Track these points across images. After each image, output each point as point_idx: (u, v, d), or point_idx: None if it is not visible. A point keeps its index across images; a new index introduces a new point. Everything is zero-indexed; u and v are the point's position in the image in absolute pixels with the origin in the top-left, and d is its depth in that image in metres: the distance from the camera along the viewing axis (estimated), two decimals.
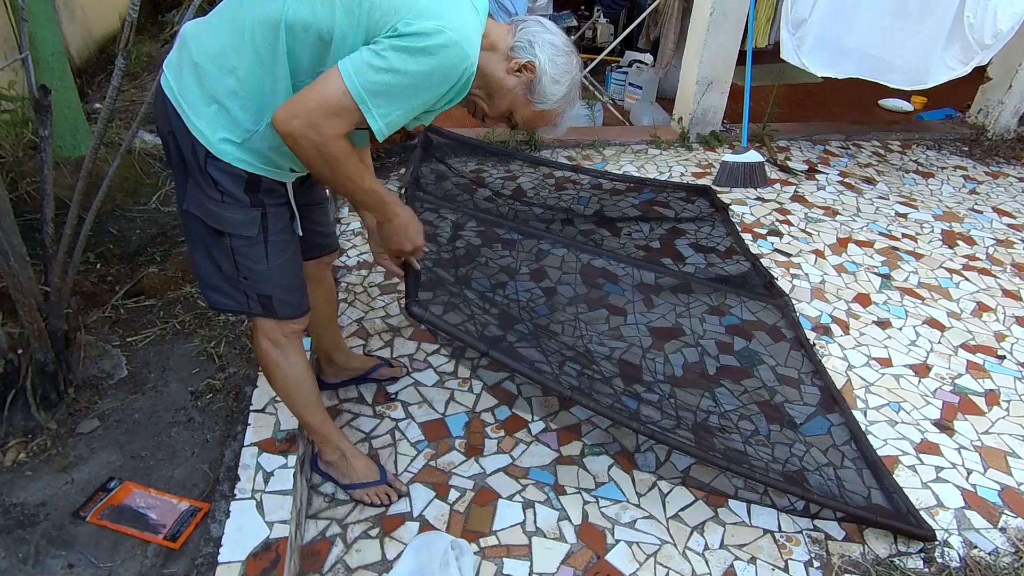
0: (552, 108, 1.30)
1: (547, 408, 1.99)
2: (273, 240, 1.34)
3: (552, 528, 1.65)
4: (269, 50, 1.16)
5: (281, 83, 1.18)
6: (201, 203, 1.28)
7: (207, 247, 1.34)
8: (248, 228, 1.30)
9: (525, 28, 1.26)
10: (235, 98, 1.20)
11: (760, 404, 2.03)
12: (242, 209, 1.29)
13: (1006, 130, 4.12)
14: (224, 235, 1.30)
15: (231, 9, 1.20)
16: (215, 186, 1.25)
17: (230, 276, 1.35)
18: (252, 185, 1.27)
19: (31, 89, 1.68)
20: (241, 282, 1.36)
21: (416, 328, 2.27)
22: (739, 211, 3.13)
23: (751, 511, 1.72)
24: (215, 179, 1.25)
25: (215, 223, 1.29)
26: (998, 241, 3.05)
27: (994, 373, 2.25)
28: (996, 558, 1.64)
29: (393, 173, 3.29)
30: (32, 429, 1.62)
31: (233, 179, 1.26)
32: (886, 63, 3.23)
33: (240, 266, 1.34)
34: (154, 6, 5.26)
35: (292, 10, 1.13)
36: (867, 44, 3.21)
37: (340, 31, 1.13)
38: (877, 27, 3.18)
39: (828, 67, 3.26)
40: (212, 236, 1.31)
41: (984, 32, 3.04)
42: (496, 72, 1.25)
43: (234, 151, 1.23)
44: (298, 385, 1.52)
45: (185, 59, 1.22)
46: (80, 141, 2.62)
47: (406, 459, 1.80)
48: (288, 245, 1.39)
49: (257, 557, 1.36)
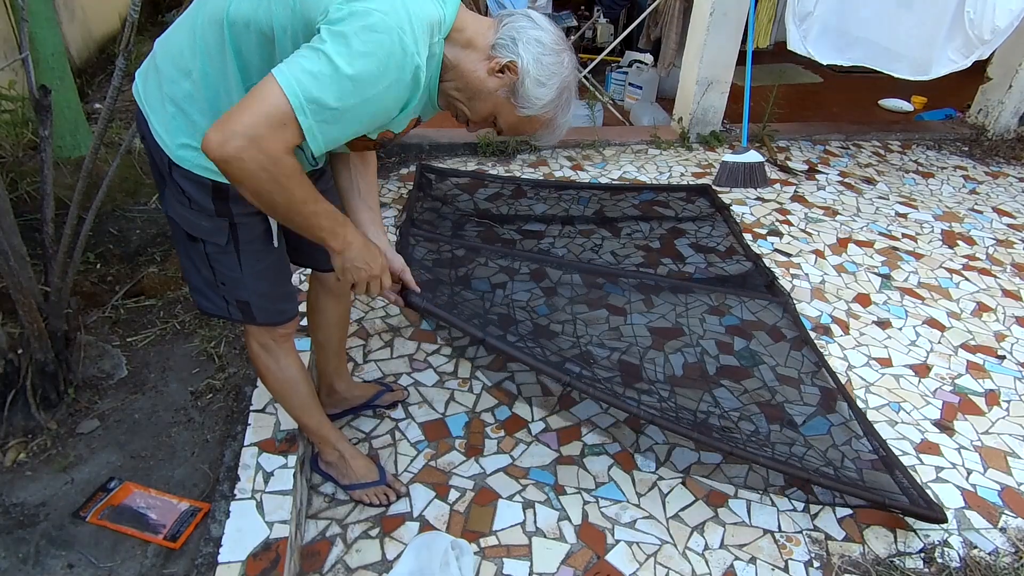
0: (539, 114, 1.16)
1: (547, 408, 1.99)
2: (245, 250, 1.28)
3: (552, 528, 1.65)
4: (218, 49, 1.09)
5: (233, 84, 1.10)
6: (176, 208, 1.24)
7: (188, 251, 1.30)
8: (217, 236, 1.25)
9: (510, 23, 1.13)
10: (192, 102, 1.13)
11: (760, 404, 2.04)
12: (208, 218, 1.23)
13: (1006, 130, 4.12)
14: (199, 241, 1.27)
15: (192, 9, 1.14)
16: (183, 193, 1.21)
17: (208, 281, 1.32)
18: (219, 193, 1.20)
19: (31, 89, 1.68)
20: (220, 287, 1.32)
21: (416, 328, 2.28)
22: (739, 211, 3.13)
23: (751, 511, 1.72)
24: (181, 187, 1.20)
25: (189, 229, 1.26)
26: (998, 241, 3.05)
27: (994, 373, 2.25)
28: (996, 558, 1.64)
29: (393, 173, 3.29)
30: (32, 429, 1.62)
31: (198, 187, 1.19)
32: (891, 52, 3.23)
33: (216, 272, 1.30)
34: (154, 6, 5.27)
35: (234, 6, 1.06)
36: (872, 33, 3.22)
37: (280, 25, 1.04)
38: (882, 16, 3.19)
39: (835, 55, 3.27)
40: (189, 241, 1.28)
41: (983, 27, 3.04)
42: (475, 72, 1.13)
43: (194, 157, 1.16)
44: (293, 387, 1.50)
45: (151, 64, 1.19)
46: (80, 141, 2.62)
47: (406, 459, 1.80)
48: (264, 255, 1.32)
49: (257, 557, 1.36)
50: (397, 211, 2.95)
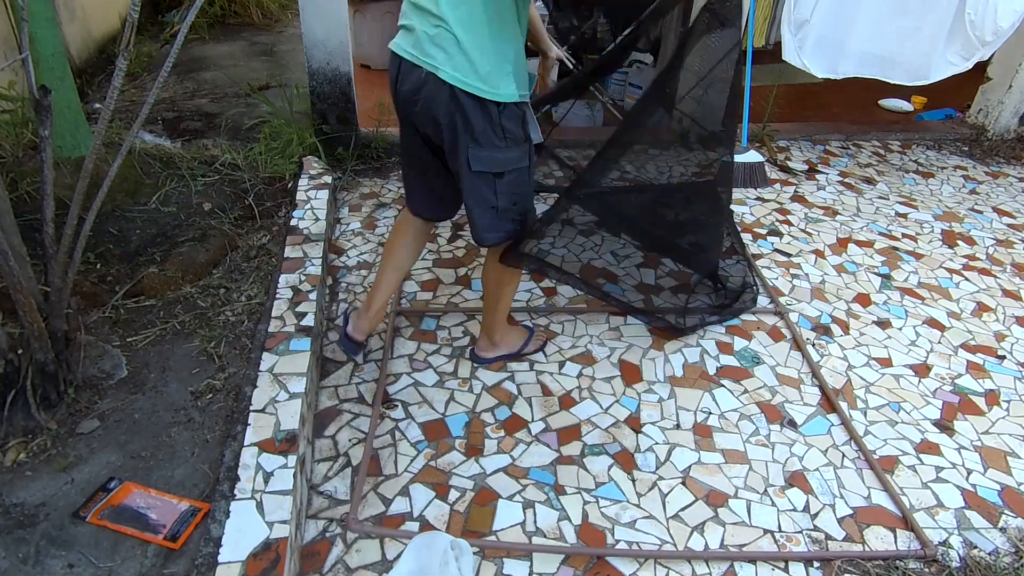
0: None
1: (547, 408, 1.99)
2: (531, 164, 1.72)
3: (552, 528, 1.65)
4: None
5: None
6: (487, 157, 1.61)
7: (490, 192, 1.67)
8: (521, 161, 1.67)
9: None
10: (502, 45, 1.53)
11: (760, 404, 2.04)
12: (517, 146, 1.64)
13: (1006, 130, 4.12)
14: (503, 175, 1.66)
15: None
16: (503, 133, 1.59)
17: (504, 211, 1.72)
18: (523, 120, 1.63)
19: (31, 89, 1.68)
20: (511, 209, 1.73)
21: (416, 328, 2.28)
22: (739, 211, 3.13)
23: (751, 511, 1.72)
24: (504, 127, 1.59)
25: (499, 167, 1.64)
26: (998, 241, 3.05)
27: (994, 373, 2.25)
28: (996, 558, 1.64)
29: (393, 173, 3.29)
30: (32, 429, 1.62)
31: (515, 119, 1.60)
32: (888, 60, 3.22)
33: (513, 196, 1.71)
34: (154, 6, 5.27)
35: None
36: (869, 43, 3.21)
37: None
38: (878, 25, 3.17)
39: (830, 69, 3.26)
40: (494, 180, 1.66)
41: (985, 29, 3.04)
42: None
43: (515, 89, 1.57)
44: (514, 289, 2.01)
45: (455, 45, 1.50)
46: (80, 141, 2.62)
47: (406, 459, 1.80)
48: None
49: (257, 557, 1.36)
50: (396, 210, 2.95)
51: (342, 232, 2.79)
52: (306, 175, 2.91)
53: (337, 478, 1.74)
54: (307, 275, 2.24)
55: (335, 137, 3.27)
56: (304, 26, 3.03)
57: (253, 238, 2.55)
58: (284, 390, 1.76)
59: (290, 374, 1.82)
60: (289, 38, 5.16)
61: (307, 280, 2.22)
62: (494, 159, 1.61)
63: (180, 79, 4.14)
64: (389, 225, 2.85)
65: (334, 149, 3.28)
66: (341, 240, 2.74)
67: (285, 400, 1.73)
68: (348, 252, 2.67)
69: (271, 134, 3.15)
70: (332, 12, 3.00)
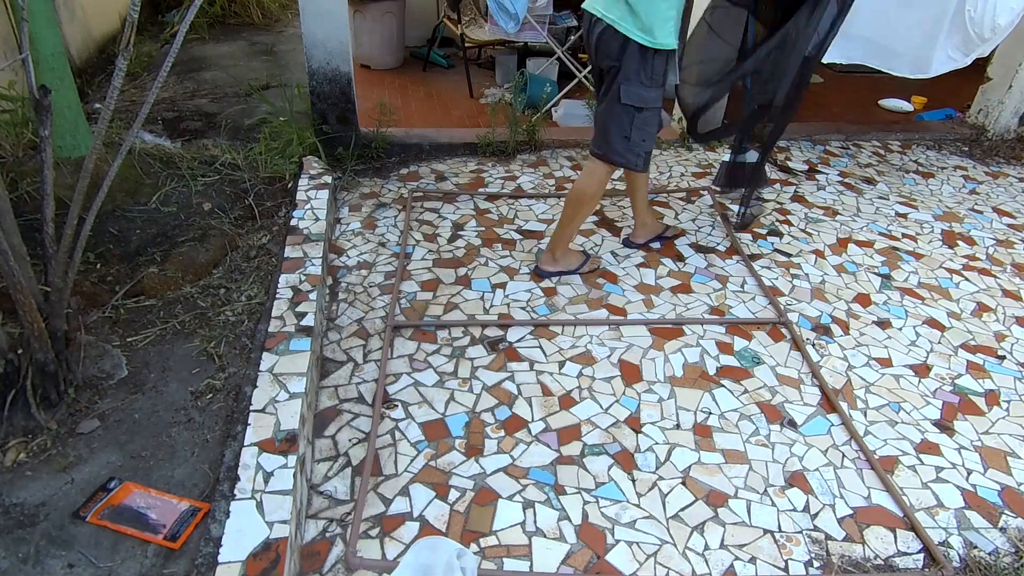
0: None
1: (547, 408, 1.99)
2: (660, 108, 2.18)
3: (552, 528, 1.65)
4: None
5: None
6: (636, 92, 2.10)
7: (629, 124, 2.15)
8: (656, 101, 2.14)
9: None
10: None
11: (760, 404, 2.04)
12: (656, 88, 2.10)
13: (1006, 130, 4.12)
14: (642, 110, 2.13)
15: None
16: (652, 73, 2.07)
17: (634, 143, 2.19)
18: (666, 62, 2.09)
19: (31, 89, 1.68)
20: (640, 144, 2.21)
21: (416, 328, 2.28)
22: (738, 211, 3.12)
23: (751, 511, 1.72)
24: (654, 67, 2.07)
25: (641, 103, 2.12)
26: (998, 241, 3.05)
27: (994, 373, 2.25)
28: (996, 558, 1.64)
29: (393, 173, 3.29)
30: (32, 429, 1.62)
31: (662, 62, 2.07)
32: (890, 51, 3.22)
33: (644, 132, 2.18)
34: (154, 6, 5.27)
35: None
36: (871, 31, 3.21)
37: None
38: (881, 14, 3.18)
39: (833, 54, 3.26)
40: (635, 113, 2.13)
41: (984, 25, 3.04)
42: None
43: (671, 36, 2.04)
44: (589, 212, 2.44)
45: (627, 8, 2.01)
46: (80, 141, 2.62)
47: (406, 459, 1.80)
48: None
49: (257, 557, 1.36)
50: (396, 210, 2.95)
51: (342, 232, 2.79)
52: (306, 175, 2.91)
53: (337, 478, 1.74)
54: (307, 275, 2.24)
55: (335, 137, 3.27)
56: (304, 26, 3.03)
57: (253, 238, 2.55)
58: (284, 390, 1.76)
59: (290, 374, 1.82)
60: (289, 38, 5.16)
61: (307, 280, 2.22)
62: (640, 96, 2.10)
63: (180, 79, 4.15)
64: (389, 225, 2.85)
65: (334, 149, 3.28)
66: (341, 240, 2.74)
67: (285, 400, 1.73)
68: (348, 252, 2.67)
69: (271, 134, 3.15)
70: (332, 12, 3.00)
